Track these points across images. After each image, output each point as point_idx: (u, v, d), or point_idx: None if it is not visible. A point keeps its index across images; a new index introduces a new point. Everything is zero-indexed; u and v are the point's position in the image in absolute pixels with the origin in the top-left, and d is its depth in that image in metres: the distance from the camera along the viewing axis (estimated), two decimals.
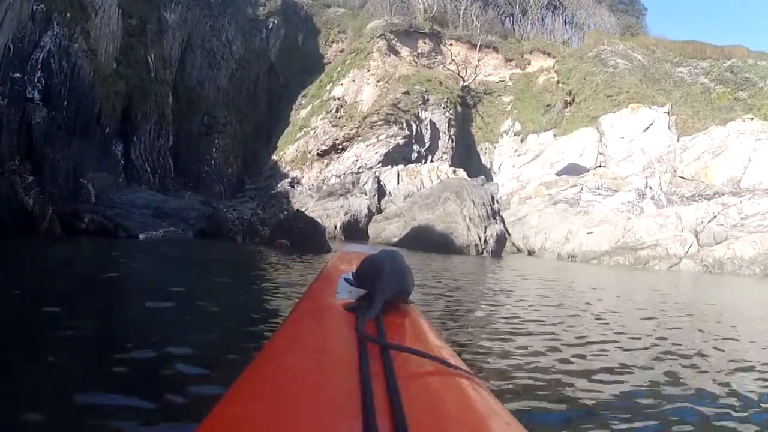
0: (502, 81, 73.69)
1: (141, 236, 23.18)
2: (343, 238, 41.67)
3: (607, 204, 52.26)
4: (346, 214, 45.41)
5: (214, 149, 53.96)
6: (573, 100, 65.58)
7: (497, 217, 41.93)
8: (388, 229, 42.05)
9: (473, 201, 40.14)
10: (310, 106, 63.43)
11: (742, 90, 60.53)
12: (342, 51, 71.51)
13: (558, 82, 69.87)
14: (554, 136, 64.63)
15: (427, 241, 36.37)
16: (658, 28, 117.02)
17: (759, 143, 54.04)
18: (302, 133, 60.49)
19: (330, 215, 44.61)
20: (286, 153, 59.68)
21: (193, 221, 28.56)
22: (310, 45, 72.55)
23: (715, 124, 57.23)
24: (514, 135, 68.19)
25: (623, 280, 28.16)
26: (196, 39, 55.76)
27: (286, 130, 62.21)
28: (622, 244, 45.85)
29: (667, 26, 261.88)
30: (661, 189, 53.85)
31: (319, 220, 35.24)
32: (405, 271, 2.46)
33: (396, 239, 39.35)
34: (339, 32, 74.75)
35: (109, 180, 34.25)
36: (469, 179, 48.13)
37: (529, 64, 74.94)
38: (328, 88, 64.35)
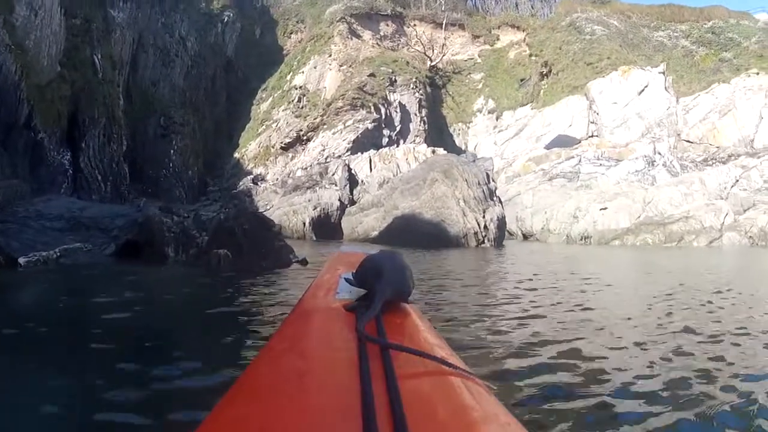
0: (471, 59, 65.23)
1: (22, 261, 14.66)
2: (314, 237, 34.90)
3: (612, 175, 45.03)
4: (315, 208, 37.93)
5: (172, 151, 46.57)
6: (550, 71, 57.75)
7: (495, 198, 34.37)
8: (365, 222, 34.19)
9: (466, 180, 32.60)
10: (270, 99, 56.17)
11: (726, 51, 52.96)
12: (301, 41, 63.53)
13: (531, 55, 61.61)
14: (532, 109, 56.56)
15: (415, 233, 29.39)
16: None
17: None
18: (264, 127, 53.34)
19: (297, 211, 37.62)
20: (248, 149, 52.62)
21: (117, 232, 19.71)
22: (269, 37, 64.59)
23: (701, 86, 50.56)
24: (489, 113, 59.66)
25: (684, 267, 21.48)
26: (147, 37, 49.08)
27: (247, 126, 55.14)
28: (645, 219, 39.05)
29: None
30: (672, 154, 45.63)
31: (285, 218, 34.69)
32: (405, 271, 2.18)
33: (375, 233, 32.08)
34: (297, 22, 66.39)
35: (21, 189, 26.58)
36: (457, 155, 39.64)
37: (498, 39, 66.25)
38: (288, 78, 57.03)
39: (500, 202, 35.15)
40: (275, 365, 1.58)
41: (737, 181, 41.51)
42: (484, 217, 31.39)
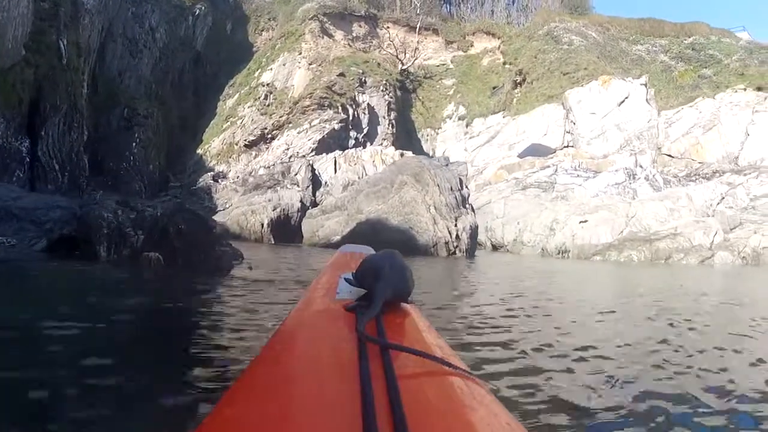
0: (444, 64, 62.73)
1: None
2: (272, 240, 32.08)
3: (590, 187, 41.35)
4: (275, 209, 34.54)
5: (133, 144, 43.52)
6: (524, 79, 54.57)
7: (468, 206, 31.25)
8: (326, 226, 31.07)
9: (438, 185, 29.57)
10: (237, 95, 53.07)
11: (706, 67, 50.62)
12: (272, 38, 60.59)
13: (505, 63, 58.84)
14: (504, 117, 53.77)
15: (379, 239, 24.17)
16: (606, 10, 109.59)
17: (757, 116, 44.11)
18: (228, 123, 50.13)
19: (256, 211, 34.07)
20: (211, 146, 49.29)
21: (51, 225, 16.76)
22: (239, 33, 61.41)
23: (679, 101, 48.12)
24: (459, 119, 57.16)
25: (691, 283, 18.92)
26: (117, 26, 46.01)
27: (212, 122, 51.88)
28: (629, 234, 35.03)
29: (615, 8, 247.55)
30: (653, 168, 42.73)
31: (243, 218, 32.38)
32: (405, 271, 2.18)
33: (337, 238, 28.29)
34: (269, 19, 63.61)
35: None
36: (429, 158, 37.11)
37: (471, 45, 63.95)
38: (256, 74, 53.81)
39: (473, 210, 32.12)
40: (275, 365, 1.59)
41: (723, 198, 38.71)
42: (456, 225, 28.41)
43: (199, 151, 49.08)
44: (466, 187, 32.96)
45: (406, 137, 52.54)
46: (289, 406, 1.22)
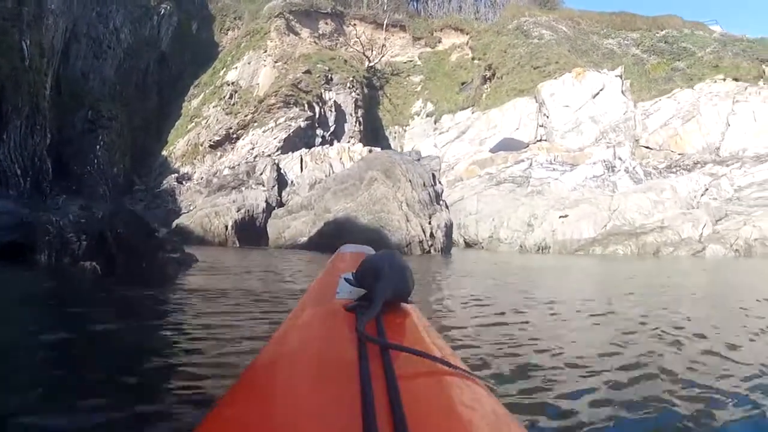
0: (411, 61, 61.15)
1: None
2: (237, 243, 30.20)
3: (567, 180, 39.94)
4: (239, 210, 32.79)
5: (97, 147, 41.48)
6: (493, 74, 52.90)
7: (441, 202, 29.76)
8: (293, 227, 29.87)
9: (410, 181, 27.93)
10: (202, 95, 51.28)
11: (679, 60, 49.06)
12: (237, 37, 58.76)
13: (473, 59, 57.22)
14: (473, 113, 51.92)
15: (349, 239, 18.78)
16: (576, 4, 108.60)
17: (737, 106, 42.44)
18: (193, 124, 48.51)
19: (220, 213, 32.31)
20: (176, 147, 47.72)
21: None
22: (205, 33, 59.20)
23: (651, 95, 46.45)
24: (427, 116, 55.80)
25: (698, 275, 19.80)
26: (81, 26, 43.73)
27: (177, 123, 50.06)
28: (613, 228, 34.58)
29: (586, 2, 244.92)
30: (633, 160, 41.12)
31: (207, 220, 30.69)
32: (405, 271, 2.13)
33: (304, 239, 27.77)
34: (235, 18, 61.51)
35: None
36: (399, 153, 35.13)
37: (439, 42, 62.31)
38: (221, 74, 52.30)
39: (447, 206, 30.58)
40: (275, 365, 1.59)
41: (707, 189, 37.76)
42: (430, 223, 26.83)
43: (164, 152, 47.47)
44: (440, 182, 31.22)
45: (373, 135, 51.04)
46: (288, 406, 1.22)
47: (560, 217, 35.43)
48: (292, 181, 37.38)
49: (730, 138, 41.46)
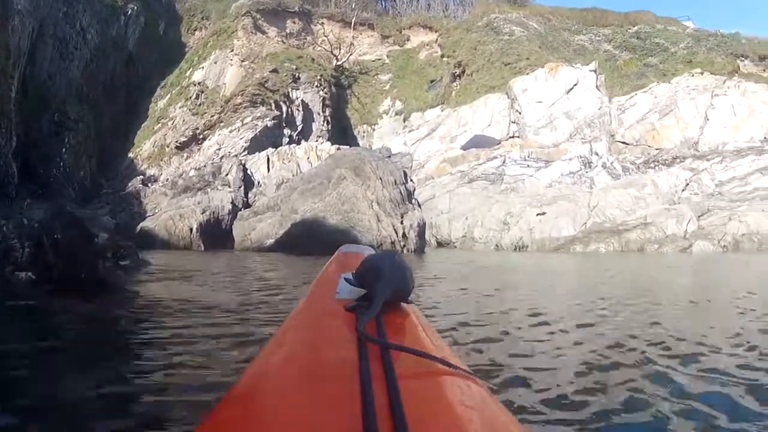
0: (380, 59, 59.54)
1: None
2: (202, 246, 28.49)
3: (542, 177, 38.87)
4: (204, 211, 31.05)
5: (64, 150, 39.74)
6: (463, 71, 51.48)
7: (414, 200, 28.57)
8: (258, 229, 28.08)
9: (381, 179, 26.69)
10: (168, 96, 49.42)
11: (652, 56, 47.99)
12: (204, 36, 57.21)
13: (443, 56, 55.83)
14: (442, 110, 50.38)
15: (317, 241, 22.64)
16: (547, 1, 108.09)
17: (717, 99, 41.60)
18: (160, 125, 46.64)
19: (184, 215, 30.44)
20: (142, 149, 45.89)
21: None
22: (172, 33, 57.33)
23: (624, 90, 45.10)
24: (396, 114, 53.94)
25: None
26: (47, 27, 41.78)
27: (143, 125, 48.08)
28: (593, 225, 33.02)
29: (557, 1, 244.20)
30: (611, 155, 40.15)
31: (171, 222, 28.80)
32: (405, 271, 2.09)
33: (271, 241, 26.29)
34: (202, 18, 59.85)
35: None
36: (369, 150, 33.31)
37: (408, 40, 60.62)
38: (187, 74, 50.44)
39: (419, 205, 29.51)
40: (275, 365, 1.55)
41: (687, 184, 36.74)
42: (402, 222, 25.64)
43: (131, 154, 45.78)
44: (411, 180, 30.00)
45: (341, 134, 49.62)
46: (289, 406, 1.19)
47: (537, 214, 33.78)
48: (258, 182, 36.11)
49: (709, 132, 40.55)
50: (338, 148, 36.75)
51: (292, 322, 2.02)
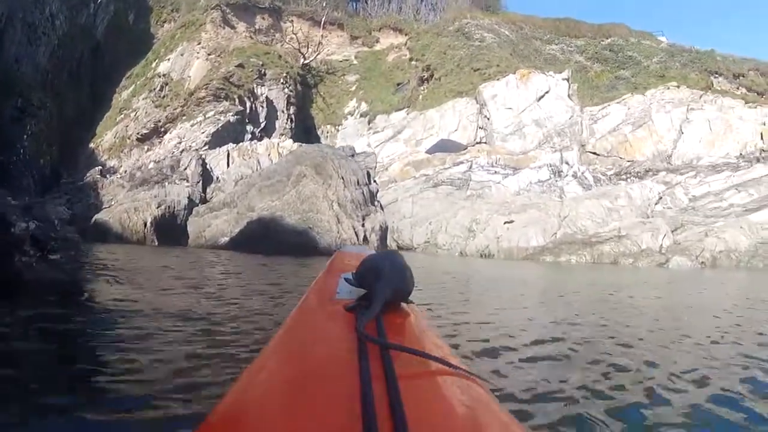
0: (347, 60, 58.35)
1: None
2: (156, 241, 26.55)
3: (510, 184, 37.62)
4: (159, 206, 28.76)
5: (25, 136, 38.43)
6: (431, 75, 50.47)
7: (376, 202, 27.58)
8: (213, 225, 26.50)
9: (343, 178, 25.48)
10: (132, 87, 47.71)
11: (624, 68, 46.87)
12: (173, 28, 55.57)
13: (411, 59, 54.71)
14: (408, 114, 49.00)
15: (273, 241, 22.14)
16: (521, 9, 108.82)
17: (693, 113, 40.53)
18: (122, 116, 44.82)
19: (139, 208, 28.32)
20: (104, 140, 44.09)
21: None
22: (142, 24, 55.94)
23: (594, 102, 44.05)
24: (361, 116, 52.60)
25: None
26: (16, 11, 40.64)
27: (106, 115, 46.23)
28: (564, 236, 31.38)
29: (531, 8, 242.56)
30: (582, 165, 38.96)
31: (126, 216, 26.81)
32: (405, 271, 2.09)
33: (225, 239, 24.58)
34: (172, 11, 58.20)
35: None
36: (332, 148, 31.97)
37: (377, 41, 59.81)
38: (153, 65, 48.74)
39: (382, 207, 28.39)
40: (275, 365, 1.55)
41: (660, 198, 35.07)
42: (363, 225, 24.50)
43: (92, 145, 43.89)
44: (375, 181, 28.90)
45: (304, 133, 47.70)
46: (289, 405, 1.18)
47: (505, 222, 32.36)
48: (217, 177, 33.84)
49: (683, 146, 39.54)
50: (300, 146, 34.64)
51: (293, 322, 1.95)
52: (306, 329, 1.88)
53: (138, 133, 42.13)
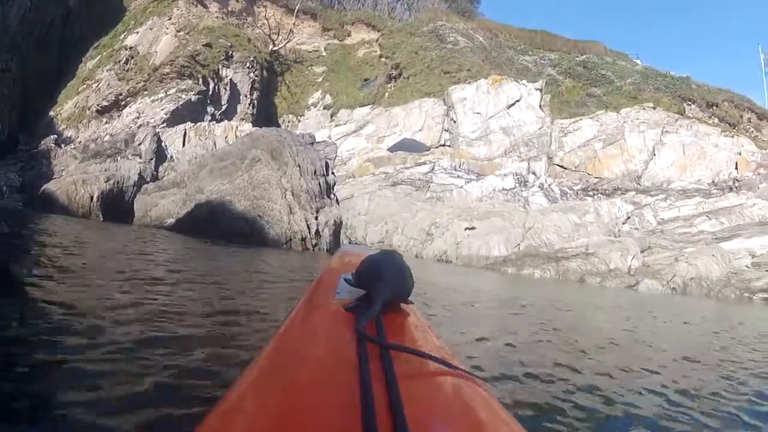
0: (317, 51, 56.73)
1: None
2: (101, 216, 24.08)
3: (472, 190, 35.91)
4: (108, 180, 26.37)
5: None
6: (400, 74, 48.84)
7: (333, 196, 25.56)
8: (160, 205, 24.30)
9: (299, 166, 23.36)
10: (99, 57, 45.64)
11: (596, 86, 45.14)
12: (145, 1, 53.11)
13: (381, 56, 53.39)
14: (372, 110, 47.32)
15: (220, 226, 20.37)
16: (498, 18, 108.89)
17: (667, 136, 38.80)
18: (84, 86, 42.75)
19: (87, 181, 25.84)
20: (64, 108, 41.98)
21: None
22: None
23: (562, 116, 42.24)
24: (324, 108, 51.05)
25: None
26: None
27: (69, 84, 44.05)
28: (528, 248, 29.81)
29: (508, 17, 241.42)
30: (549, 177, 37.54)
31: (73, 188, 24.47)
32: (405, 271, 2.07)
33: (171, 220, 22.45)
34: None
35: None
36: (291, 133, 29.02)
37: (349, 35, 58.38)
38: (121, 37, 46.71)
39: (338, 201, 26.60)
40: (275, 365, 1.51)
41: (629, 218, 33.65)
42: (317, 218, 22.28)
43: (52, 113, 41.81)
44: (333, 173, 26.89)
45: (265, 120, 44.62)
46: (288, 406, 1.16)
47: (466, 228, 30.87)
48: (172, 156, 32.46)
49: (654, 167, 37.76)
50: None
51: (292, 323, 1.88)
52: (306, 329, 1.79)
53: (98, 105, 40.00)
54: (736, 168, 36.68)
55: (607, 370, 6.25)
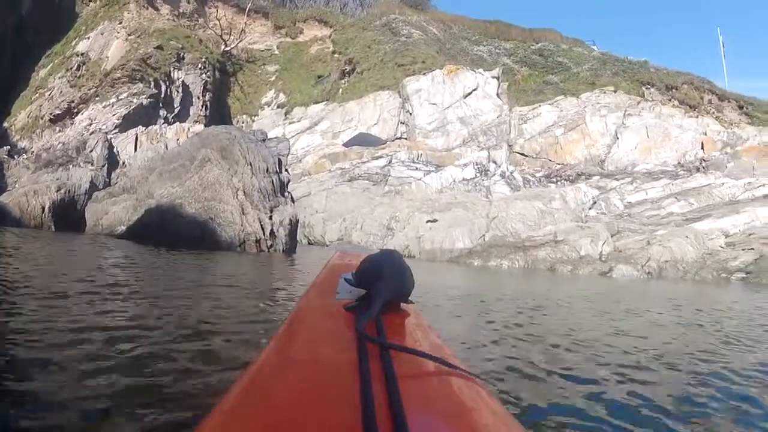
0: (269, 49, 56.25)
1: None
2: (53, 227, 23.91)
3: (432, 182, 35.45)
4: (59, 189, 26.11)
5: None
6: (353, 69, 48.47)
7: (287, 194, 24.30)
8: (111, 212, 23.13)
9: (251, 164, 22.44)
10: (51, 65, 44.73)
11: (552, 74, 45.22)
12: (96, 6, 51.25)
13: (334, 52, 53.08)
14: (327, 106, 46.47)
15: (171, 232, 19.08)
16: (451, 9, 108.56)
17: (630, 119, 38.62)
18: (37, 95, 42.14)
19: (39, 192, 25.57)
20: (17, 119, 41.41)
21: None
22: (67, 2, 50.71)
23: (519, 105, 41.75)
24: (278, 107, 50.41)
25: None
26: None
27: (22, 94, 43.25)
28: (494, 239, 29.24)
29: (461, 8, 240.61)
30: (510, 165, 37.30)
31: (24, 199, 24.28)
32: (405, 271, 2.07)
33: (122, 228, 21.23)
34: None
35: None
36: (241, 130, 27.64)
37: (301, 32, 57.78)
38: (73, 43, 45.90)
39: (293, 199, 25.29)
40: (275, 365, 1.50)
41: (595, 203, 33.37)
42: (271, 218, 21.26)
43: (6, 124, 40.88)
44: (286, 170, 25.76)
45: (219, 121, 41.83)
46: (289, 406, 1.17)
47: (428, 221, 30.44)
48: (124, 162, 31.74)
49: (617, 151, 37.50)
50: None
51: (293, 323, 1.90)
52: (306, 329, 1.80)
53: (51, 114, 39.20)
54: (702, 148, 36.29)
55: (609, 363, 6.01)
